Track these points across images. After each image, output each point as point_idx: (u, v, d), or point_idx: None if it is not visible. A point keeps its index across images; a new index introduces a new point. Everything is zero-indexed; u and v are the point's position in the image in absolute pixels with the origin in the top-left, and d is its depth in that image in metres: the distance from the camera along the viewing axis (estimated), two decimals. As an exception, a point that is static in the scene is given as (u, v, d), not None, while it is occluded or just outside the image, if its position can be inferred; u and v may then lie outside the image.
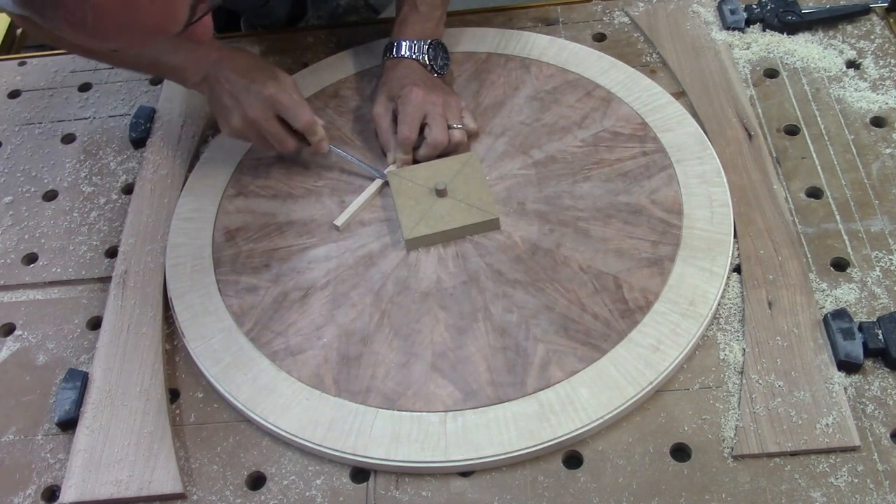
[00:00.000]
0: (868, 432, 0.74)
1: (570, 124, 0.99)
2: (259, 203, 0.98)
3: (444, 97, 0.97)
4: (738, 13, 1.08)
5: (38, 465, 0.80)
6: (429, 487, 0.75)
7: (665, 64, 1.06)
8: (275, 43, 1.18)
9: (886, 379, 0.77)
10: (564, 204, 0.92)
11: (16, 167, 1.08)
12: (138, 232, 0.97)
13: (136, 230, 0.97)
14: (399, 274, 0.89)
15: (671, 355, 0.79)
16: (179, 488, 0.76)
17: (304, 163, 1.00)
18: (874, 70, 1.01)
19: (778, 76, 1.03)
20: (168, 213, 0.98)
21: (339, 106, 1.06)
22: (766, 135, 0.97)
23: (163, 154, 1.05)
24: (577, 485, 0.74)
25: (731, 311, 0.83)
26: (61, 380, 0.85)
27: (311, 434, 0.78)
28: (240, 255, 0.93)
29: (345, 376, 0.81)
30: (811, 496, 0.71)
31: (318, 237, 0.93)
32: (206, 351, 0.84)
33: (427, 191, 0.92)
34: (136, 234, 0.96)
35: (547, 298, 0.84)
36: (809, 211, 0.90)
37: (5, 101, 1.16)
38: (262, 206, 0.97)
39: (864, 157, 0.94)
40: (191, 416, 0.82)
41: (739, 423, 0.75)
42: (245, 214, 0.97)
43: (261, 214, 0.96)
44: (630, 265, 0.86)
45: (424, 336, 0.83)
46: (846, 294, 0.83)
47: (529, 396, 0.78)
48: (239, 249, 0.93)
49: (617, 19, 1.13)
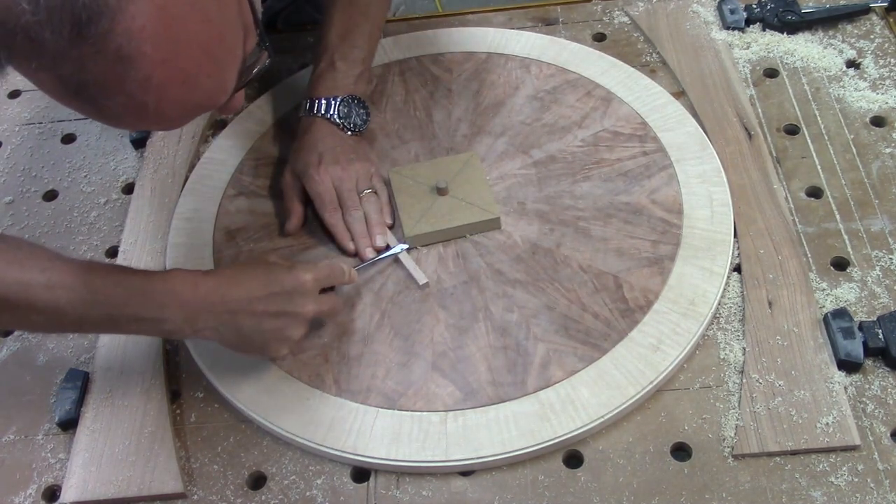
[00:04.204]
0: (868, 431, 0.74)
1: (570, 124, 0.99)
2: (259, 203, 0.98)
3: (348, 168, 0.92)
4: (738, 13, 1.08)
5: (39, 465, 0.80)
6: (429, 487, 0.75)
7: (665, 64, 1.06)
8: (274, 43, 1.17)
9: (887, 378, 0.77)
10: (564, 203, 0.92)
11: (16, 167, 1.08)
12: (138, 232, 0.97)
13: (136, 230, 0.97)
14: (399, 274, 0.89)
15: (671, 355, 0.79)
16: (180, 488, 0.76)
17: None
18: (874, 70, 1.02)
19: (778, 76, 1.03)
20: (168, 213, 0.98)
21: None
22: (766, 134, 0.97)
23: (163, 154, 1.05)
24: (578, 484, 0.74)
25: (731, 311, 0.83)
26: (62, 380, 0.85)
27: (311, 434, 0.78)
28: (240, 256, 0.93)
29: (345, 376, 0.81)
30: (811, 495, 0.71)
31: (318, 237, 0.93)
32: (206, 351, 0.84)
33: (428, 189, 0.92)
34: (136, 234, 0.96)
35: (547, 298, 0.84)
36: (809, 210, 0.90)
37: (5, 101, 1.16)
38: (262, 207, 0.97)
39: (864, 157, 0.94)
40: (191, 416, 0.82)
41: (740, 423, 0.75)
42: (245, 214, 0.97)
43: (261, 214, 0.96)
44: (630, 265, 0.86)
45: (425, 336, 0.83)
46: (846, 293, 0.83)
47: (530, 396, 0.78)
48: (239, 249, 0.93)
49: (617, 19, 1.13)
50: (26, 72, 0.58)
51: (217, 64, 0.63)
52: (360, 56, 0.98)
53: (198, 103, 0.64)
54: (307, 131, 0.95)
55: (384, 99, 1.06)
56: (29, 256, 0.70)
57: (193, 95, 0.62)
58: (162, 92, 0.59)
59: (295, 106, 1.03)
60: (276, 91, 1.09)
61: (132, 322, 0.74)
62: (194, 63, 0.60)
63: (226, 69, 0.64)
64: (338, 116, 0.95)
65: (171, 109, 0.62)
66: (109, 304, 0.72)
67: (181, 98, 0.61)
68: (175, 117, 0.64)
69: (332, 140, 0.94)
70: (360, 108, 0.97)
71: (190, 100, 0.62)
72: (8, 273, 0.69)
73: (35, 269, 0.69)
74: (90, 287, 0.71)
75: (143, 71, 0.57)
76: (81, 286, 0.70)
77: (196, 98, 0.63)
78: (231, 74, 0.65)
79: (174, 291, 0.74)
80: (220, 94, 0.65)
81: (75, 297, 0.70)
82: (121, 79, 0.57)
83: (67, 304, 0.70)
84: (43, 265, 0.70)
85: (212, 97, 0.64)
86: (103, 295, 0.71)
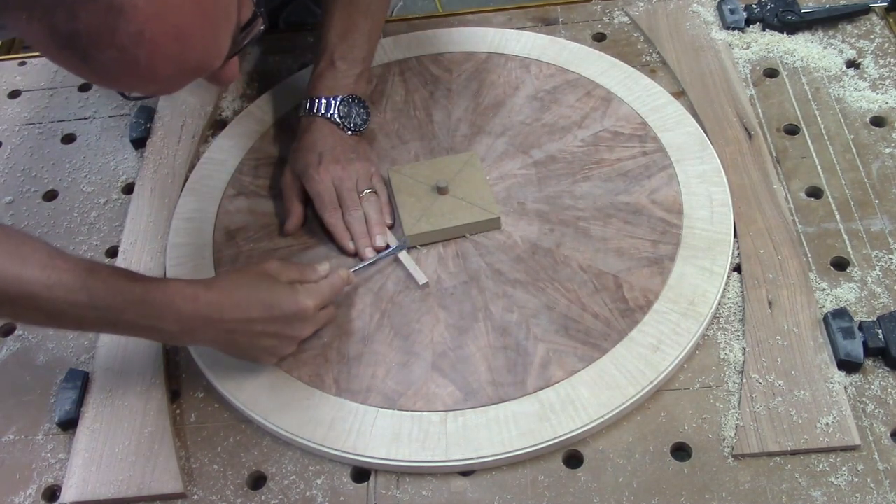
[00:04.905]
0: (868, 431, 0.74)
1: (570, 124, 0.99)
2: (259, 203, 0.98)
3: (348, 168, 0.92)
4: (738, 13, 1.08)
5: (39, 465, 0.80)
6: (429, 487, 0.75)
7: (665, 64, 1.06)
8: (275, 43, 1.18)
9: (887, 378, 0.77)
10: (564, 203, 0.92)
11: (16, 167, 1.08)
12: (138, 232, 0.97)
13: (136, 230, 0.97)
14: (399, 273, 0.89)
15: (671, 355, 0.79)
16: (180, 488, 0.76)
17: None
18: (874, 70, 1.01)
19: (778, 76, 1.03)
20: (168, 213, 0.98)
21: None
22: (766, 134, 0.97)
23: (163, 154, 1.05)
24: (578, 484, 0.74)
25: (731, 311, 0.83)
26: (62, 380, 0.85)
27: (311, 434, 0.78)
28: (240, 256, 0.93)
29: (345, 376, 0.81)
30: (811, 495, 0.71)
31: (318, 237, 0.93)
32: (206, 351, 0.84)
33: (428, 188, 0.92)
34: (136, 234, 0.96)
35: (547, 298, 0.84)
36: (809, 210, 0.90)
37: (5, 101, 1.16)
38: (262, 206, 0.97)
39: (863, 157, 0.94)
40: (191, 415, 0.82)
41: (740, 423, 0.75)
42: (245, 214, 0.97)
43: (261, 214, 0.96)
44: (630, 265, 0.86)
45: (425, 336, 0.83)
46: (846, 293, 0.83)
47: (530, 396, 0.78)
48: (239, 249, 0.93)
49: (617, 19, 1.13)
50: (18, 24, 0.58)
51: (210, 22, 0.62)
52: (359, 55, 0.97)
53: (191, 63, 0.63)
54: (307, 131, 0.95)
55: (384, 99, 1.06)
56: (31, 252, 0.70)
57: (186, 54, 0.62)
58: (154, 47, 0.59)
59: (295, 106, 1.03)
60: (276, 91, 1.09)
61: (129, 328, 0.75)
62: (187, 19, 0.60)
63: (219, 29, 0.64)
64: (338, 116, 0.94)
65: (164, 67, 0.61)
66: (108, 309, 0.72)
67: (174, 55, 0.61)
68: (167, 77, 0.63)
69: (332, 140, 0.94)
70: (361, 107, 0.97)
71: (183, 58, 0.62)
72: (8, 267, 0.68)
73: (36, 265, 0.69)
74: (89, 291, 0.70)
75: (135, 24, 0.57)
76: (81, 289, 0.70)
77: (189, 57, 0.62)
78: (225, 36, 0.65)
79: (173, 305, 0.74)
80: (214, 55, 0.65)
81: (74, 298, 0.70)
82: (112, 30, 0.57)
83: (66, 305, 0.70)
84: (44, 262, 0.70)
85: (205, 58, 0.64)
86: (102, 301, 0.71)
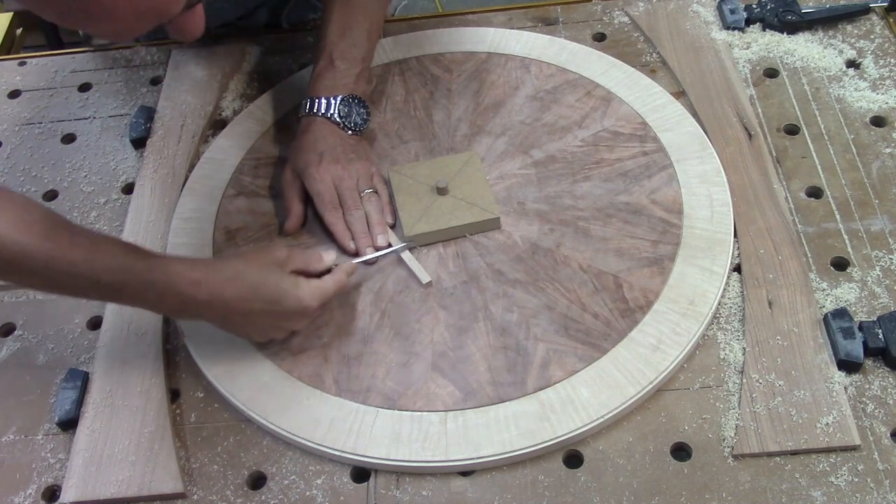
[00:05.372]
0: (868, 431, 0.74)
1: (570, 124, 0.99)
2: (259, 203, 0.98)
3: (348, 168, 0.92)
4: (738, 13, 1.08)
5: (39, 465, 0.80)
6: (429, 487, 0.75)
7: (665, 64, 1.06)
8: (275, 43, 1.18)
9: (887, 378, 0.77)
10: (564, 203, 0.92)
11: (16, 167, 1.08)
12: (138, 232, 0.97)
13: (136, 230, 0.97)
14: (399, 273, 0.89)
15: (671, 355, 0.79)
16: (180, 488, 0.76)
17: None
18: (874, 70, 1.02)
19: (778, 76, 1.03)
20: (168, 213, 0.98)
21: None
22: (766, 134, 0.97)
23: (163, 154, 1.05)
24: (578, 484, 0.74)
25: (731, 311, 0.83)
26: (61, 380, 0.85)
27: (311, 434, 0.78)
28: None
29: (345, 376, 0.81)
30: (811, 495, 0.71)
31: (318, 237, 0.93)
32: (206, 351, 0.84)
33: (428, 188, 0.92)
34: (136, 234, 0.96)
35: (547, 298, 0.84)
36: (809, 210, 0.90)
37: (5, 101, 1.16)
38: (262, 206, 0.97)
39: (864, 157, 0.94)
40: (191, 415, 0.82)
41: (740, 423, 0.75)
42: (245, 214, 0.97)
43: (261, 214, 0.96)
44: (630, 265, 0.86)
45: (425, 336, 0.83)
46: (846, 293, 0.83)
47: (530, 396, 0.78)
48: (239, 249, 0.93)
49: (617, 19, 1.13)
50: None
51: None
52: (359, 55, 0.97)
53: (148, 4, 0.62)
54: (307, 130, 0.95)
55: (384, 99, 1.06)
56: (37, 221, 0.70)
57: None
58: None
59: (295, 106, 1.03)
60: (276, 91, 1.09)
61: (129, 301, 0.78)
62: None
63: None
64: (338, 116, 0.94)
65: (120, 5, 0.60)
66: (110, 285, 0.73)
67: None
68: (125, 16, 0.61)
69: (332, 139, 0.94)
70: (361, 107, 0.96)
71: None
72: (11, 233, 0.69)
73: (39, 235, 0.70)
74: (92, 266, 0.71)
75: None
76: (83, 263, 0.71)
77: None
78: None
79: (175, 287, 0.75)
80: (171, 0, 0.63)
81: (76, 271, 0.71)
82: None
83: (66, 277, 0.71)
84: (47, 233, 0.70)
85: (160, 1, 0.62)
86: (104, 276, 0.72)
